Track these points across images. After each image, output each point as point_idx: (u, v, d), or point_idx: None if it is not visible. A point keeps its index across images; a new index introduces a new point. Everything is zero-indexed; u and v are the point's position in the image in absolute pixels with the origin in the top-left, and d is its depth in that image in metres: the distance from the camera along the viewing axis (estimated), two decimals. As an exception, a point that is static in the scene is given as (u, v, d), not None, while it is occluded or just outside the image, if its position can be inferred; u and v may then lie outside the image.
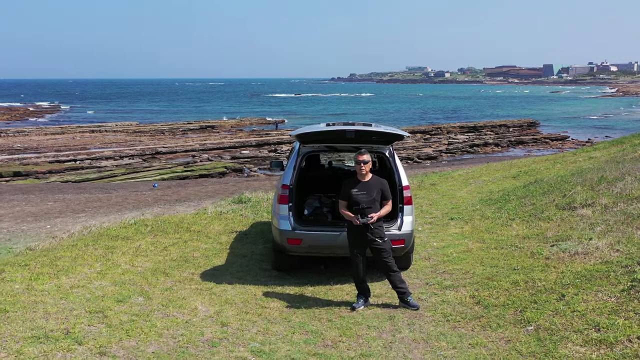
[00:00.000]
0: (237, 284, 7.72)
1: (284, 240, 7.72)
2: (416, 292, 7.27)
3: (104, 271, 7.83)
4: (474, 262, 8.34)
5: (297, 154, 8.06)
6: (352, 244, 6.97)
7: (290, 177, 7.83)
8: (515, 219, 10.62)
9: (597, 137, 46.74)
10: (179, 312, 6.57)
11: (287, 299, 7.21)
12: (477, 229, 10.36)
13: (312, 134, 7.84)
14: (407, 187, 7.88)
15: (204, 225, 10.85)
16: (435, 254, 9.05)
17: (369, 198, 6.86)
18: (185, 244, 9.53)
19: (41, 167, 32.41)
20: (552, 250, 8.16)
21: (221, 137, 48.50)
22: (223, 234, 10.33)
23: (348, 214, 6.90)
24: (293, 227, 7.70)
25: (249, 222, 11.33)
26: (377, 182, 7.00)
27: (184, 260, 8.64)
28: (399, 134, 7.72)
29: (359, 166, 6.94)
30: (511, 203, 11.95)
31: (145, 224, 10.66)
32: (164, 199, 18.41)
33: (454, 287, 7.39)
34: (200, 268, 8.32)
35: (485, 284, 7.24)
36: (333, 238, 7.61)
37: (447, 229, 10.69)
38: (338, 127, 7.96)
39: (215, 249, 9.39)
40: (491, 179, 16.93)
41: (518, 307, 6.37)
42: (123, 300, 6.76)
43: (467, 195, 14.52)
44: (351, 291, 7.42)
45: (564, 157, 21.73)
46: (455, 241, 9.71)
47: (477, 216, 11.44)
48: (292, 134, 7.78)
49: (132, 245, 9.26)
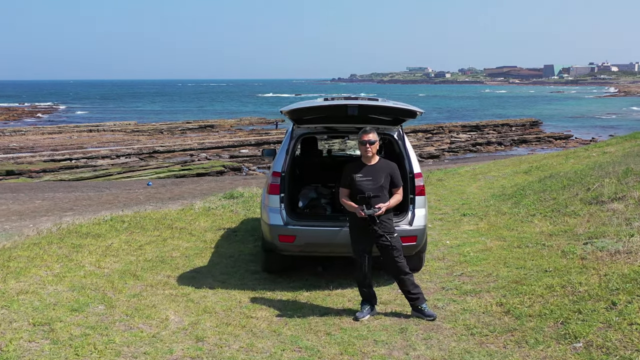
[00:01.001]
0: (220, 288, 6.57)
1: (275, 237, 6.58)
2: (431, 299, 6.12)
3: (62, 274, 6.66)
4: (496, 262, 7.21)
5: (290, 137, 6.93)
6: (356, 241, 5.86)
7: (282, 163, 6.69)
8: (536, 214, 9.59)
9: (601, 136, 45.96)
10: (145, 324, 5.41)
11: (277, 307, 6.06)
12: (494, 226, 9.28)
13: (307, 110, 6.63)
14: (419, 175, 6.71)
15: (189, 222, 9.72)
16: (450, 253, 7.93)
17: (375, 185, 5.73)
18: (164, 242, 8.41)
19: (35, 166, 31.86)
20: (587, 249, 7.04)
21: (220, 136, 47.82)
22: (209, 231, 9.21)
23: (351, 204, 5.77)
24: (285, 222, 6.57)
25: (239, 219, 10.21)
26: (386, 166, 5.88)
27: (160, 260, 7.51)
28: (411, 109, 6.46)
29: (364, 147, 5.80)
30: (528, 198, 10.91)
31: (122, 220, 9.54)
32: (157, 197, 17.54)
33: (476, 292, 6.24)
34: (178, 270, 7.19)
35: (514, 289, 6.08)
36: (332, 234, 6.50)
37: (460, 226, 9.61)
38: (338, 101, 6.79)
39: (198, 248, 8.26)
40: (501, 175, 16.03)
41: (558, 317, 5.21)
42: (79, 309, 5.60)
43: (478, 190, 13.58)
44: (354, 297, 6.28)
45: (575, 152, 20.75)
46: (471, 239, 8.64)
47: (492, 212, 10.39)
48: (283, 109, 6.51)
49: (102, 243, 8.13)
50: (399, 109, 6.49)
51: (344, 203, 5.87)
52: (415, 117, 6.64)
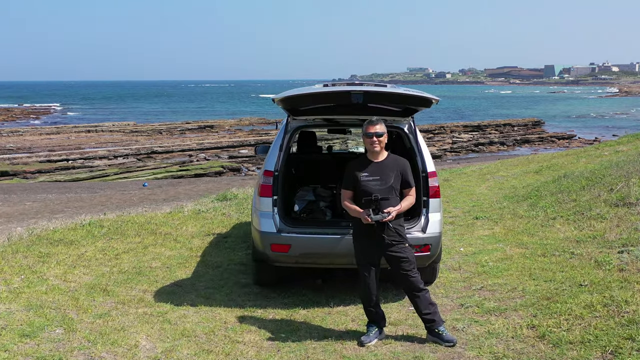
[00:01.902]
0: (203, 306, 5.67)
1: (266, 246, 5.71)
2: (448, 318, 5.23)
3: (20, 289, 5.75)
4: (520, 274, 6.32)
5: (284, 130, 6.03)
6: (360, 252, 4.98)
7: (275, 161, 5.83)
8: (557, 217, 8.74)
9: (604, 136, 45.37)
10: (109, 352, 4.52)
11: (269, 329, 5.18)
12: (512, 230, 8.41)
13: (303, 98, 5.70)
14: (433, 174, 5.81)
15: (175, 227, 8.83)
16: (466, 262, 7.04)
17: (384, 185, 4.87)
18: (145, 251, 7.52)
19: (30, 167, 31.33)
20: (624, 259, 6.16)
21: (220, 136, 47.28)
22: (196, 237, 8.32)
23: (355, 208, 4.90)
24: (279, 229, 5.71)
25: (231, 223, 9.32)
26: (395, 163, 5.01)
27: (137, 272, 6.61)
28: (425, 97, 5.48)
29: (371, 140, 4.92)
30: (545, 199, 10.03)
31: (101, 224, 8.64)
32: (151, 199, 16.83)
33: (501, 310, 5.34)
34: (156, 283, 6.30)
35: (546, 307, 5.19)
36: (333, 243, 5.63)
37: (474, 230, 8.75)
38: (340, 87, 5.85)
39: (182, 256, 7.37)
40: (511, 174, 15.25)
41: (607, 345, 4.32)
42: (31, 335, 4.70)
43: (487, 191, 12.79)
44: (358, 316, 5.40)
45: (585, 151, 20.00)
46: (488, 245, 7.77)
47: (508, 215, 9.53)
48: (275, 97, 5.52)
49: (74, 252, 7.22)
50: (411, 97, 5.55)
51: (346, 207, 5.00)
52: (430, 106, 5.69)
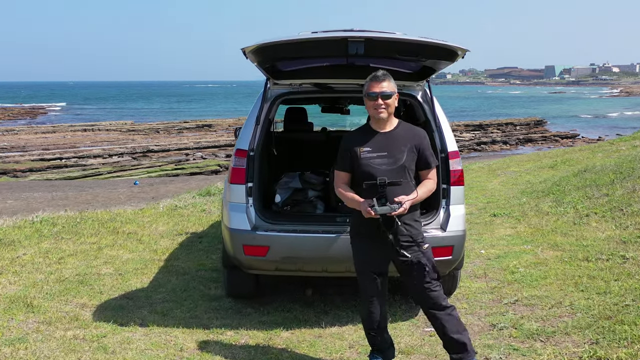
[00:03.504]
0: (156, 326, 4.34)
1: (238, 248, 4.36)
2: (477, 344, 3.92)
3: None
4: (562, 283, 5.05)
5: (262, 98, 4.67)
6: (362, 258, 3.62)
7: (249, 138, 4.48)
8: (590, 214, 7.55)
9: (607, 135, 44.83)
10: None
11: (240, 358, 3.88)
12: (540, 230, 7.17)
13: (283, 48, 4.12)
14: (455, 154, 4.46)
15: (143, 225, 7.58)
16: (490, 267, 5.78)
17: (393, 165, 3.49)
18: (98, 253, 6.26)
19: (22, 165, 30.63)
20: (694, 264, 4.89)
21: (218, 135, 46.60)
22: (165, 238, 7.04)
23: (353, 197, 3.53)
24: (254, 226, 4.38)
25: (209, 220, 8.07)
26: (409, 134, 3.62)
27: (79, 280, 5.35)
28: (450, 46, 3.94)
29: (375, 102, 3.53)
30: (571, 194, 8.81)
31: (54, 222, 7.38)
32: (139, 197, 15.92)
33: (547, 334, 4.02)
34: (100, 295, 5.03)
35: (609, 330, 3.88)
36: (325, 244, 4.29)
37: (494, 229, 7.53)
38: (332, 33, 4.24)
39: (141, 260, 6.10)
40: (523, 170, 14.19)
41: None
42: None
43: (501, 187, 11.69)
44: (358, 342, 4.09)
45: (600, 146, 18.97)
46: (513, 247, 6.54)
47: (530, 211, 8.32)
48: (247, 47, 3.95)
49: (9, 254, 5.94)
50: (432, 46, 3.99)
51: (341, 195, 3.63)
52: (455, 59, 4.18)
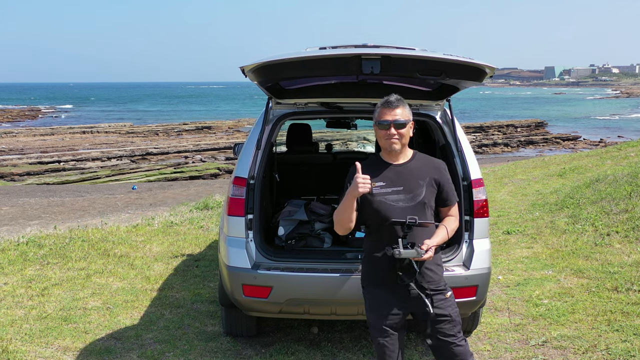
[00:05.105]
0: (145, 373, 4.23)
1: (237, 288, 3.98)
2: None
3: None
4: (593, 320, 4.86)
5: (263, 120, 4.27)
6: (376, 310, 3.18)
7: (249, 164, 4.13)
8: (611, 233, 7.33)
9: (609, 137, 45.05)
10: None
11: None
12: (559, 251, 6.99)
13: (288, 67, 3.59)
14: (479, 183, 4.11)
15: (136, 245, 7.35)
16: (512, 299, 5.51)
17: (411, 202, 3.14)
18: (86, 282, 6.00)
19: (18, 169, 30.58)
20: None
21: (217, 137, 46.50)
22: (160, 261, 6.84)
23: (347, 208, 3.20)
24: (255, 263, 4.01)
25: (207, 239, 7.81)
26: (427, 167, 3.26)
27: (62, 317, 5.04)
28: (477, 64, 3.46)
29: (386, 132, 3.14)
30: (586, 209, 8.55)
31: (41, 244, 7.15)
32: (137, 203, 15.72)
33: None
34: (85, 335, 4.69)
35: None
36: (334, 285, 3.92)
37: (509, 250, 7.32)
38: (344, 50, 3.76)
39: (133, 290, 5.81)
40: (531, 178, 13.98)
41: None
42: None
43: (510, 197, 11.43)
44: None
45: (607, 152, 18.79)
46: (533, 272, 6.31)
47: (546, 228, 8.11)
48: (246, 66, 3.51)
49: (-15, 285, 5.83)
50: (456, 64, 3.51)
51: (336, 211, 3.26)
52: (482, 79, 3.67)
